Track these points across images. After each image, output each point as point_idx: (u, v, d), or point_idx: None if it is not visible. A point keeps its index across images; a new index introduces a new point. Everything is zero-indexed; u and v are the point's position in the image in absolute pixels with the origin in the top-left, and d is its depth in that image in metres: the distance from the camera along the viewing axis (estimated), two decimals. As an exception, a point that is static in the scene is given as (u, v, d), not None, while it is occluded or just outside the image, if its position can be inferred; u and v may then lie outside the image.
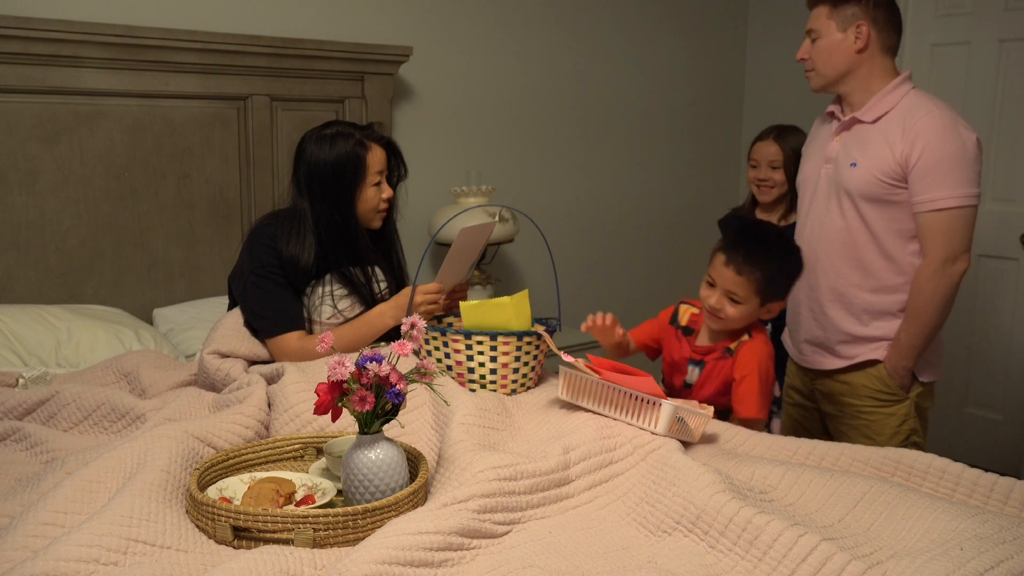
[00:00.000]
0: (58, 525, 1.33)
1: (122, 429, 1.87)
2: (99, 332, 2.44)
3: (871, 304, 2.23)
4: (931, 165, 2.08)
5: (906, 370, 2.21)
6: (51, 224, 2.63)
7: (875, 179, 2.14)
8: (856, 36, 2.17)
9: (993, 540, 1.31)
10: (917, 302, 2.16)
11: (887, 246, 2.18)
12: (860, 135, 2.21)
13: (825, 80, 2.23)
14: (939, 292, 2.14)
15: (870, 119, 2.19)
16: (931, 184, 2.09)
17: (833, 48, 2.19)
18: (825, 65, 2.21)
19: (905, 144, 2.10)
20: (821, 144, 2.33)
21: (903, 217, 2.15)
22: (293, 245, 2.16)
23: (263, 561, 1.23)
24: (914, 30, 3.69)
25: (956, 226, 2.11)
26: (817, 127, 2.43)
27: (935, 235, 2.12)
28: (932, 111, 2.11)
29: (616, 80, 3.92)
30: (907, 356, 2.19)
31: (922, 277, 2.15)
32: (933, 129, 2.08)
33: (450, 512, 1.37)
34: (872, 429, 2.25)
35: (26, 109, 2.56)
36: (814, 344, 2.34)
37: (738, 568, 1.33)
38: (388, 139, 2.28)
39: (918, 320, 2.16)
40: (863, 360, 2.25)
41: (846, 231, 2.22)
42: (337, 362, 1.39)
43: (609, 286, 4.02)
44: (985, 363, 3.61)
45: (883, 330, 2.23)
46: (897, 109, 2.16)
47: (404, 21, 3.28)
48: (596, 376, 1.77)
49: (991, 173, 3.53)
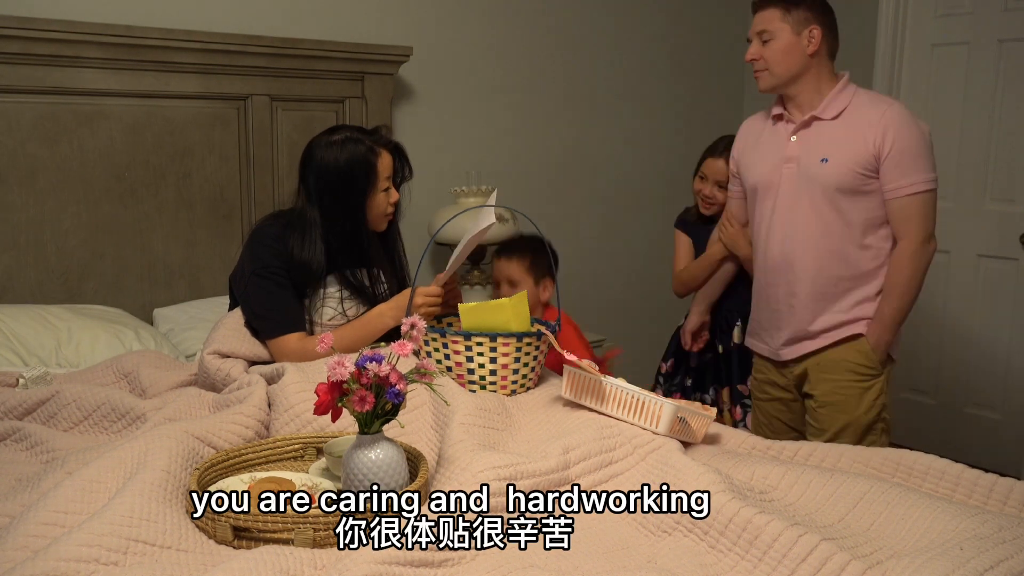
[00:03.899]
0: (58, 525, 1.33)
1: (122, 429, 1.87)
2: (99, 332, 2.44)
3: (851, 291, 2.31)
4: (902, 154, 2.19)
5: (887, 344, 2.31)
6: (51, 224, 2.63)
7: (852, 171, 2.22)
8: (809, 40, 2.24)
9: (993, 540, 1.31)
10: (899, 279, 2.26)
11: (864, 235, 2.27)
12: (823, 132, 2.27)
13: (777, 80, 2.29)
14: (920, 269, 2.27)
15: (829, 116, 2.27)
16: (905, 171, 2.20)
17: (788, 50, 2.25)
18: (779, 66, 2.27)
19: (876, 136, 2.20)
20: (774, 146, 2.36)
21: (875, 206, 2.25)
22: (304, 250, 2.16)
23: (263, 561, 1.24)
24: (914, 30, 3.69)
25: (928, 207, 2.25)
26: (756, 128, 2.45)
27: (914, 217, 2.23)
28: (892, 105, 2.24)
29: (617, 80, 3.92)
30: (889, 330, 2.30)
31: (903, 257, 2.25)
32: (900, 121, 2.20)
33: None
34: (850, 404, 2.32)
35: (26, 109, 2.56)
36: (796, 339, 2.38)
37: (738, 568, 1.33)
38: (395, 143, 2.28)
39: (901, 296, 2.27)
40: (845, 336, 2.32)
41: (823, 226, 2.27)
42: (337, 362, 1.39)
43: (609, 286, 4.02)
44: (985, 363, 3.61)
45: (862, 311, 2.31)
46: (854, 105, 2.26)
47: (404, 21, 3.28)
48: (599, 376, 1.78)
49: (991, 173, 3.53)
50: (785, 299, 2.36)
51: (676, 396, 2.91)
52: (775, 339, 2.42)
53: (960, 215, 3.60)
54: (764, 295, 2.43)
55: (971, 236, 3.59)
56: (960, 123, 3.58)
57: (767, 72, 2.29)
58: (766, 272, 2.40)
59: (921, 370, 3.75)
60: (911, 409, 3.78)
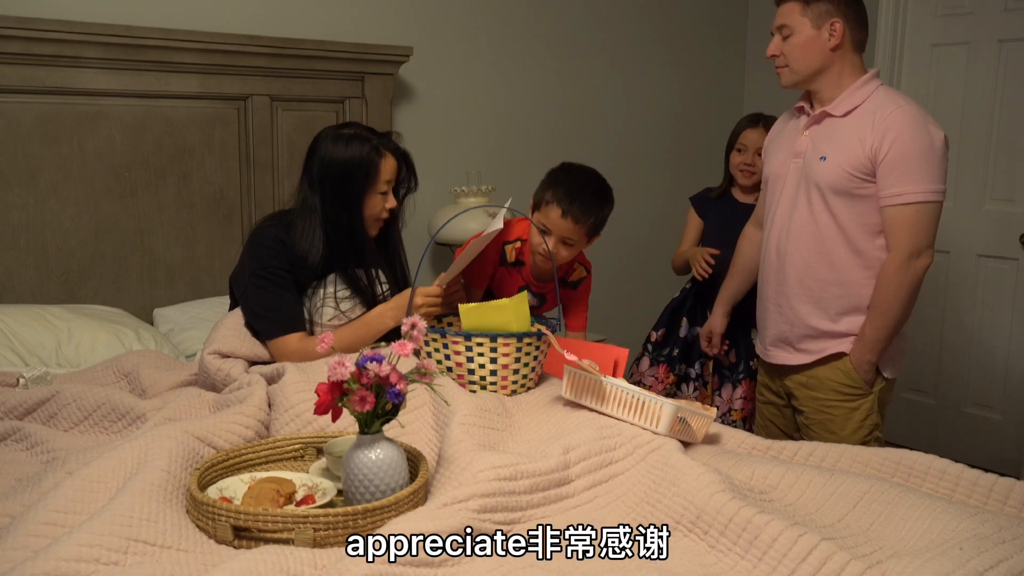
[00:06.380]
0: (59, 525, 1.33)
1: (122, 429, 1.87)
2: (99, 332, 2.44)
3: (839, 298, 2.22)
4: (899, 159, 2.09)
5: (871, 364, 2.21)
6: (51, 224, 2.63)
7: (844, 173, 2.14)
8: (830, 34, 2.16)
9: (992, 540, 1.31)
10: (882, 296, 2.16)
11: (855, 240, 2.18)
12: (830, 129, 2.21)
13: (798, 77, 2.23)
14: (903, 287, 2.14)
15: (840, 113, 2.19)
16: (898, 178, 2.10)
17: (808, 45, 2.17)
18: (799, 62, 2.20)
19: (875, 138, 2.10)
20: (789, 139, 2.33)
21: (870, 211, 2.16)
22: (302, 240, 2.16)
23: (263, 561, 1.24)
24: (914, 30, 3.69)
25: (921, 221, 2.12)
26: (784, 122, 2.43)
27: (901, 229, 2.12)
28: (903, 107, 2.12)
29: (618, 80, 3.92)
30: (871, 350, 2.19)
31: (887, 271, 2.15)
32: (903, 124, 2.09)
33: (450, 512, 1.37)
34: (836, 424, 2.26)
35: (27, 109, 2.56)
36: (780, 341, 2.34)
37: (738, 568, 1.33)
38: (403, 151, 2.28)
39: (883, 315, 2.17)
40: (829, 354, 2.25)
41: (814, 225, 2.21)
42: (337, 362, 1.39)
43: (609, 286, 4.02)
44: (985, 363, 3.61)
45: (850, 325, 2.23)
46: (867, 104, 2.17)
47: (404, 21, 3.28)
48: (599, 375, 1.78)
49: (991, 173, 3.53)
50: (774, 297, 2.33)
51: (662, 367, 2.98)
52: (764, 337, 2.41)
53: (960, 215, 3.60)
54: (760, 291, 2.41)
55: (971, 236, 3.59)
56: (960, 123, 3.58)
57: (787, 68, 2.22)
58: (763, 267, 2.38)
59: (921, 370, 3.75)
60: (911, 409, 3.78)
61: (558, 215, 2.19)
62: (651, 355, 3.01)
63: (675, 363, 2.95)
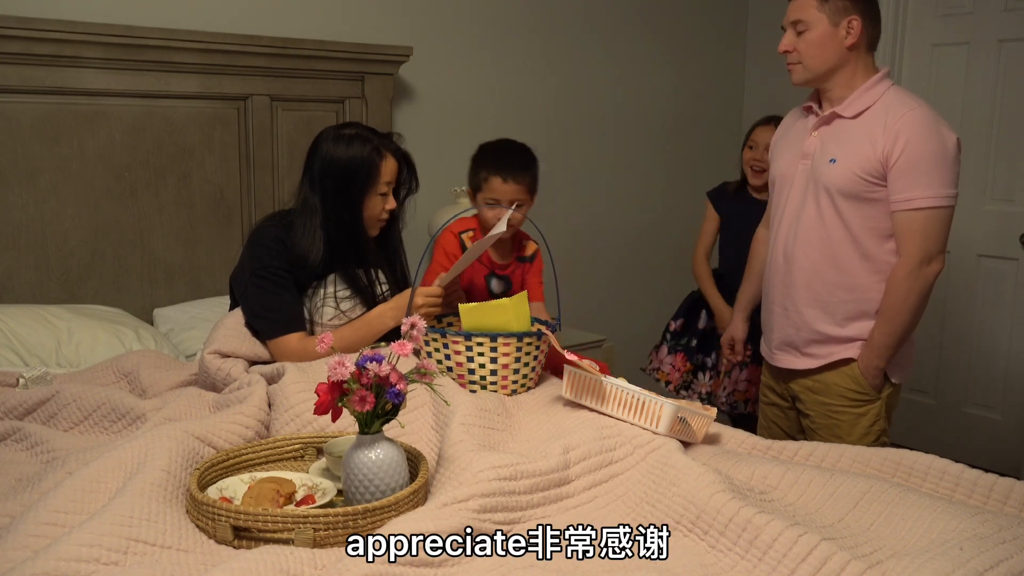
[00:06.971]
0: (59, 525, 1.33)
1: (122, 429, 1.87)
2: (99, 332, 2.44)
3: (847, 303, 2.18)
4: (911, 163, 2.04)
5: (878, 370, 2.18)
6: (51, 224, 2.63)
7: (855, 176, 2.09)
8: (848, 31, 2.10)
9: (993, 540, 1.31)
10: (891, 302, 2.12)
11: (864, 244, 2.14)
12: (840, 131, 2.16)
13: (811, 74, 2.15)
14: (913, 292, 2.10)
15: (850, 114, 2.14)
16: (910, 183, 2.05)
17: (825, 42, 2.10)
18: (814, 59, 2.13)
19: (887, 140, 2.05)
20: (797, 139, 2.28)
21: (880, 215, 2.11)
22: (302, 240, 2.16)
23: (263, 561, 1.24)
24: (914, 30, 3.69)
25: (932, 226, 2.08)
26: (791, 121, 2.37)
27: (911, 234, 2.08)
28: (915, 109, 2.08)
29: (617, 80, 3.92)
30: (880, 356, 2.16)
31: (897, 277, 2.11)
32: (915, 127, 2.04)
33: (450, 512, 1.37)
34: (843, 429, 2.23)
35: (27, 109, 2.56)
36: (786, 345, 2.31)
37: (738, 568, 1.33)
38: (405, 152, 2.28)
39: (891, 320, 2.13)
40: (837, 359, 2.22)
41: (823, 228, 2.17)
42: (337, 362, 1.39)
43: (607, 282, 4.02)
44: (985, 363, 3.61)
45: (859, 331, 2.19)
46: (878, 105, 2.12)
47: (404, 21, 3.28)
48: (599, 376, 1.78)
49: (991, 173, 3.53)
50: (780, 300, 2.29)
51: (680, 355, 3.06)
52: (769, 340, 2.38)
53: (960, 215, 3.56)
54: (766, 294, 2.37)
55: (971, 236, 3.59)
56: (960, 123, 3.58)
57: (800, 65, 2.15)
58: (770, 270, 2.34)
59: (921, 370, 3.74)
60: (911, 409, 3.78)
61: (499, 183, 2.31)
62: (669, 344, 3.08)
63: (692, 353, 2.99)
